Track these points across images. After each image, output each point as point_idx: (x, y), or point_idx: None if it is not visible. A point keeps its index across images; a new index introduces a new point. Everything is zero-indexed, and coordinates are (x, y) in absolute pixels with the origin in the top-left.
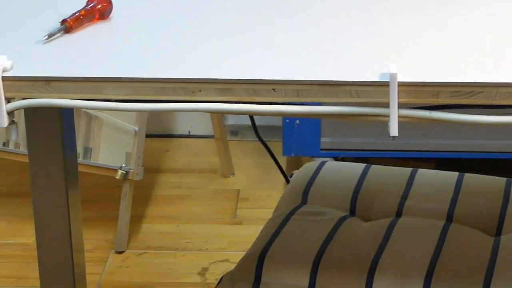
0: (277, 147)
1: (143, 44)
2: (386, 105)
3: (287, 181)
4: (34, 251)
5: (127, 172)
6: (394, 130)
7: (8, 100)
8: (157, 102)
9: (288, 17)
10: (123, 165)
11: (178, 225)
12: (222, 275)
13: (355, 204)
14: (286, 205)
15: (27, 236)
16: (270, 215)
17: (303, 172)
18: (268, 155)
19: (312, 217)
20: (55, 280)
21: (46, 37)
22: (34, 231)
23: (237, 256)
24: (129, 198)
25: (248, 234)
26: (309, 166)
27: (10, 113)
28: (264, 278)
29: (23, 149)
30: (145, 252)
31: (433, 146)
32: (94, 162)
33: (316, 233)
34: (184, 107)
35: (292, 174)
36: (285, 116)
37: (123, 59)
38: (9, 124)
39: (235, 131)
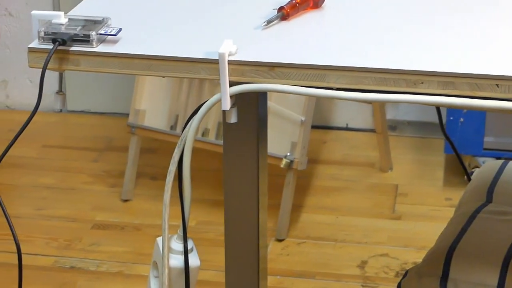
0: (435, 144)
1: (359, 34)
2: None
3: (469, 179)
4: (196, 233)
5: (291, 161)
6: None
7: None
8: (378, 93)
9: (504, 13)
10: (288, 154)
11: (337, 217)
12: (382, 269)
13: None
14: (470, 202)
15: (189, 219)
16: (430, 213)
17: (485, 170)
18: (427, 152)
19: (499, 216)
20: (240, 261)
21: (265, 23)
22: (196, 214)
23: (397, 251)
24: (292, 187)
25: (408, 230)
26: (492, 164)
27: (232, 97)
28: (451, 274)
29: None
30: (305, 242)
31: None
32: None
33: (505, 233)
34: (405, 99)
35: (473, 171)
36: (507, 112)
37: (343, 48)
38: (231, 107)
39: (393, 126)
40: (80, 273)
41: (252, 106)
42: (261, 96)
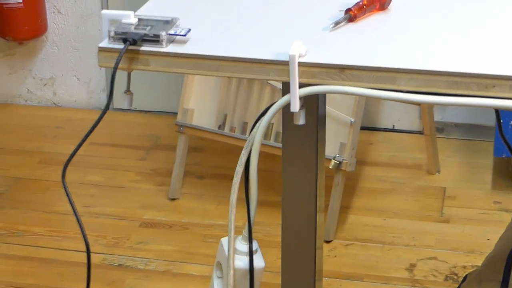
0: (483, 147)
1: (428, 36)
2: None
3: None
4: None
5: (340, 163)
6: None
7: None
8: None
9: None
10: (337, 155)
11: (384, 219)
12: (430, 272)
13: None
14: None
15: (236, 218)
16: (478, 216)
17: None
18: (475, 155)
19: None
20: (297, 262)
21: (333, 25)
22: (243, 214)
23: (446, 254)
24: (340, 189)
25: (456, 233)
26: None
27: (301, 98)
28: None
29: (238, 133)
30: (352, 244)
31: None
32: None
33: None
34: (476, 102)
35: None
36: None
37: (412, 51)
38: (300, 109)
39: (441, 128)
40: (128, 271)
41: (313, 108)
42: (321, 97)
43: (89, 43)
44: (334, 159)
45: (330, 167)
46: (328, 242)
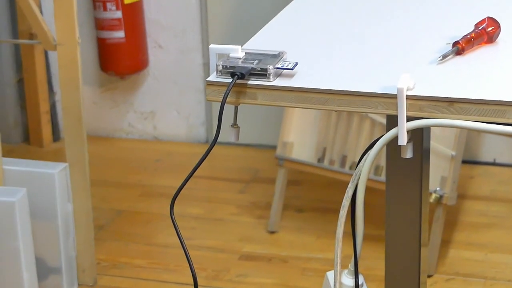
0: None
1: None
2: None
3: None
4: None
5: (441, 196)
6: None
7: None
8: None
9: None
10: (438, 188)
11: (486, 254)
12: None
13: None
14: None
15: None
16: None
17: None
18: None
19: None
20: None
21: (441, 58)
22: (344, 247)
23: None
24: (441, 223)
25: None
26: None
27: (408, 132)
28: None
29: (337, 166)
30: (453, 278)
31: None
32: None
33: None
34: None
35: None
36: None
37: None
38: (408, 142)
39: None
40: None
41: (417, 141)
42: (426, 130)
43: (189, 77)
44: (435, 193)
45: (431, 200)
46: (429, 276)
